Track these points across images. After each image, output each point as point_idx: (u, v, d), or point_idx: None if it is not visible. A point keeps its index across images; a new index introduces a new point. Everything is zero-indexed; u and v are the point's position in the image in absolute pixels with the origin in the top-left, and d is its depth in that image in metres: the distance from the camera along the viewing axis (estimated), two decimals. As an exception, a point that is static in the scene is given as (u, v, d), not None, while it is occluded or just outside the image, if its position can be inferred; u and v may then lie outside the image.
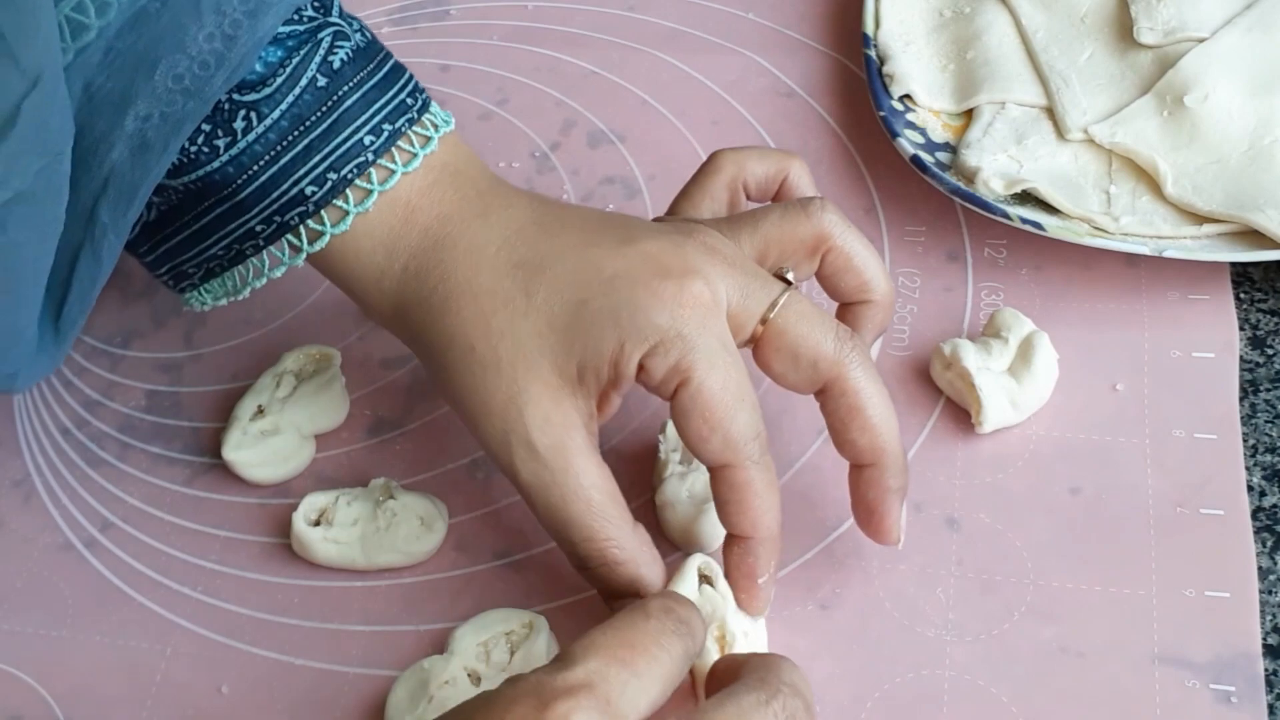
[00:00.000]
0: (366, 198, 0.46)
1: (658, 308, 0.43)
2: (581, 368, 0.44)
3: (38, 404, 0.58)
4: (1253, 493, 0.48)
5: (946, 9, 0.65)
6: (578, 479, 0.44)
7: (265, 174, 0.45)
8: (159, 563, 0.52)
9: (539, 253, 0.45)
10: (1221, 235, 0.54)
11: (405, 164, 0.46)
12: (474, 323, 0.45)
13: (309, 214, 0.46)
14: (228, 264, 0.47)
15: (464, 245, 0.46)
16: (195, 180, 0.45)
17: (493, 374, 0.44)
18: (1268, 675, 0.44)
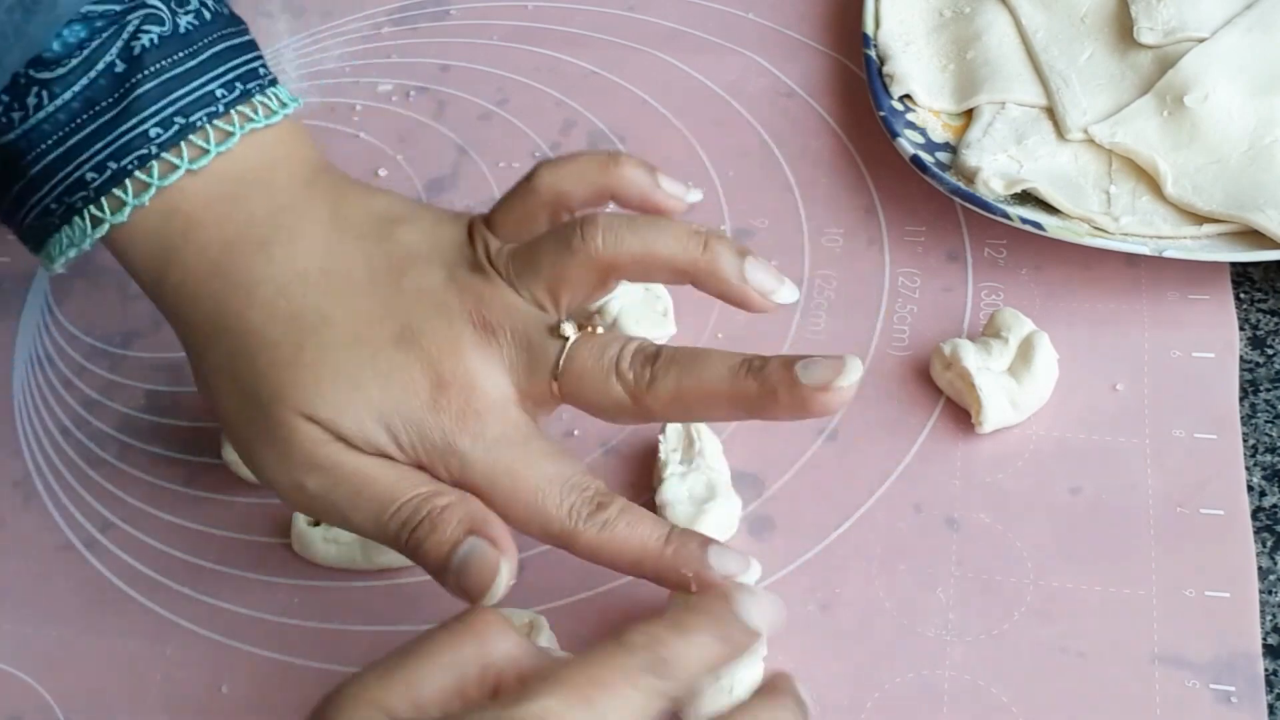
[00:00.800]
0: (144, 191, 0.44)
1: (431, 424, 0.42)
2: (346, 436, 0.42)
3: (38, 404, 0.58)
4: (1253, 493, 0.48)
5: (946, 9, 0.65)
6: (370, 466, 0.42)
7: (52, 154, 0.45)
8: (159, 563, 0.52)
9: (316, 310, 0.44)
10: (1221, 235, 0.54)
11: (193, 160, 0.45)
12: (240, 356, 0.44)
13: (90, 200, 0.45)
14: (43, 235, 0.47)
15: (238, 279, 0.44)
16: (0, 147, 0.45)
17: (263, 416, 0.43)
18: (1268, 675, 0.44)
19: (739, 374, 0.42)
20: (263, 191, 0.46)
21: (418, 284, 0.44)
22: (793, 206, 0.60)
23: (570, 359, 0.43)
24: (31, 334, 0.61)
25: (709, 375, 0.42)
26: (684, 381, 0.42)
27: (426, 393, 0.42)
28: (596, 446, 0.53)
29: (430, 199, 0.63)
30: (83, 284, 0.62)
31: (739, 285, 0.43)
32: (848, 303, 0.56)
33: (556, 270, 0.44)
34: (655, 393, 0.42)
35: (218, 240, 0.45)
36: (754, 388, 0.41)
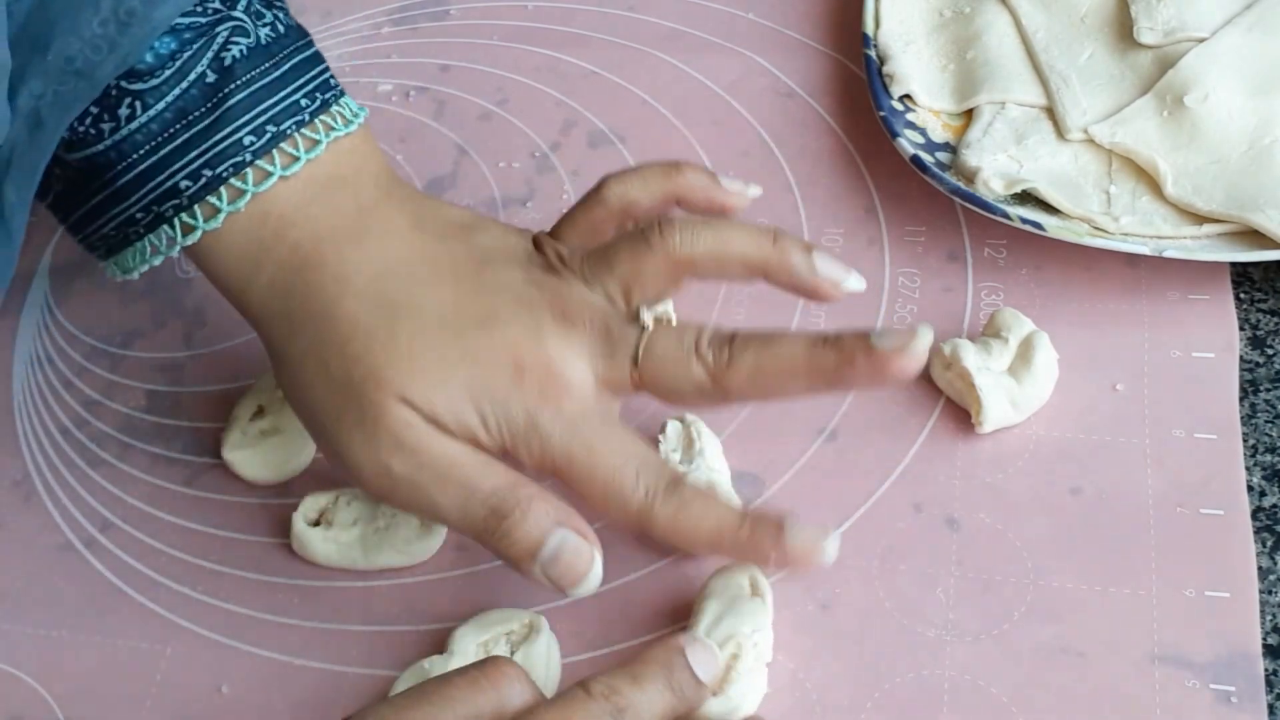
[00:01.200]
0: (239, 198, 0.46)
1: (515, 402, 0.44)
2: (438, 417, 0.44)
3: (38, 404, 0.58)
4: (1253, 493, 0.48)
5: (946, 9, 0.65)
6: (455, 455, 0.44)
7: (144, 163, 0.46)
8: (159, 563, 0.52)
9: (409, 296, 0.45)
10: (1221, 235, 0.54)
11: (285, 167, 0.46)
12: (331, 344, 0.45)
13: (182, 208, 0.46)
14: (119, 245, 0.48)
15: (332, 271, 0.46)
16: (83, 159, 0.46)
17: (356, 400, 0.44)
18: (1268, 675, 0.44)
19: (816, 346, 0.44)
20: (349, 193, 0.48)
21: (498, 278, 0.46)
22: (793, 206, 0.60)
23: (650, 345, 0.45)
24: (31, 334, 0.61)
25: (786, 351, 0.44)
26: (763, 358, 0.44)
27: (510, 373, 0.44)
28: (596, 446, 0.53)
29: (430, 199, 0.62)
30: (83, 284, 0.62)
31: (810, 277, 0.46)
32: (848, 303, 0.55)
33: (633, 268, 0.46)
34: (735, 370, 0.44)
35: (310, 236, 0.47)
36: (831, 358, 0.44)
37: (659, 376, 0.45)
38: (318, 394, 0.45)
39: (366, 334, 0.45)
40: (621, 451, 0.44)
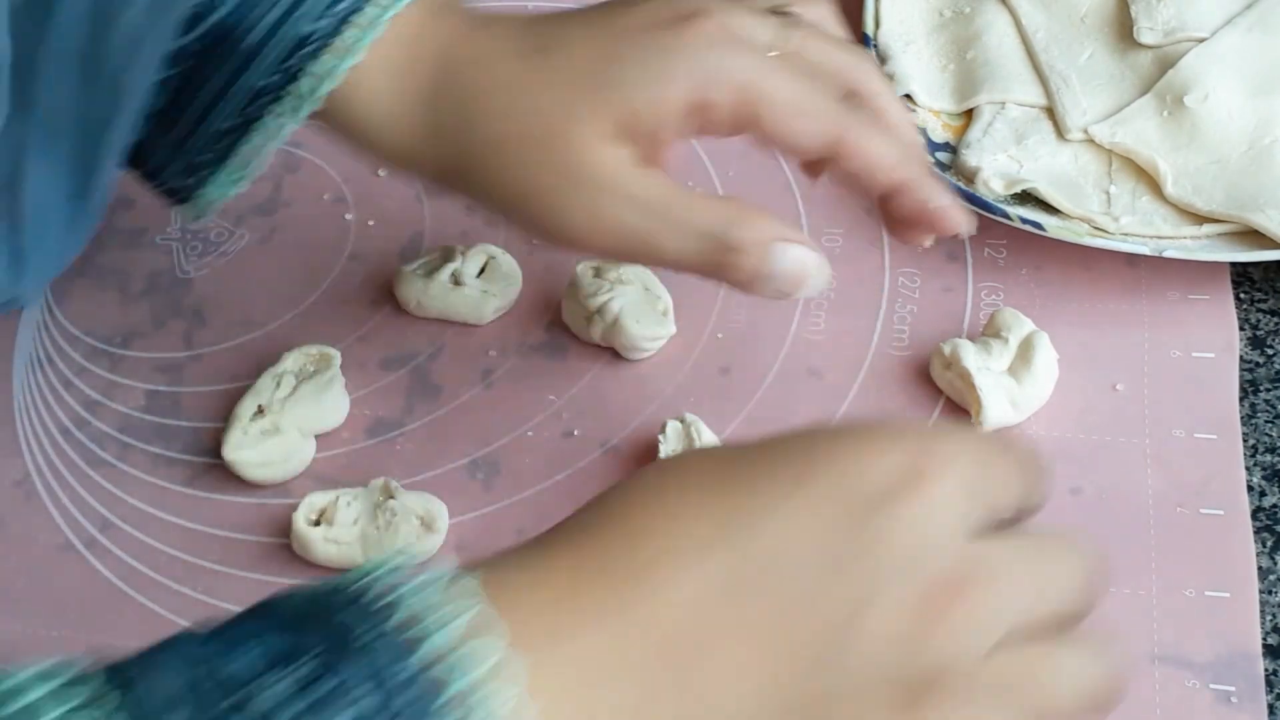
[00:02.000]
0: (369, 29, 0.46)
1: (689, 47, 0.44)
2: (628, 122, 0.43)
3: (38, 404, 0.58)
4: (1253, 493, 0.48)
5: (946, 9, 0.65)
6: (667, 191, 0.44)
7: (270, 15, 0.46)
8: (159, 563, 0.52)
9: (551, 35, 0.46)
10: (1221, 235, 0.54)
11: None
12: (512, 114, 0.45)
13: (315, 54, 0.46)
14: (241, 134, 0.48)
15: (476, 55, 0.46)
16: (205, 33, 0.46)
17: (552, 153, 0.44)
18: (1268, 675, 0.44)
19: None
20: (457, 5, 0.48)
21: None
22: (792, 207, 0.60)
23: (795, 27, 0.45)
24: (31, 334, 0.61)
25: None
26: (878, 74, 0.47)
27: (676, 25, 0.44)
28: (596, 447, 0.53)
29: (430, 199, 0.62)
30: (83, 284, 0.62)
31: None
32: (848, 303, 0.56)
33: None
34: (863, 71, 0.46)
35: (445, 43, 0.46)
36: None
37: (800, 53, 0.45)
38: (512, 170, 0.45)
39: (532, 81, 0.45)
40: (803, 69, 0.44)
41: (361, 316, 0.59)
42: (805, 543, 0.32)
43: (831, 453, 0.33)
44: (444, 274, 0.58)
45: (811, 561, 0.31)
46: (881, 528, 0.32)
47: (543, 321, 0.57)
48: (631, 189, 0.43)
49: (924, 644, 0.31)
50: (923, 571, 0.32)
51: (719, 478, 0.33)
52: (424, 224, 0.62)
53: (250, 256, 0.62)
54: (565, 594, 0.31)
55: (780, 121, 0.44)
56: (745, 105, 0.43)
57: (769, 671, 0.31)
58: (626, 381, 0.55)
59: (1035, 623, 0.33)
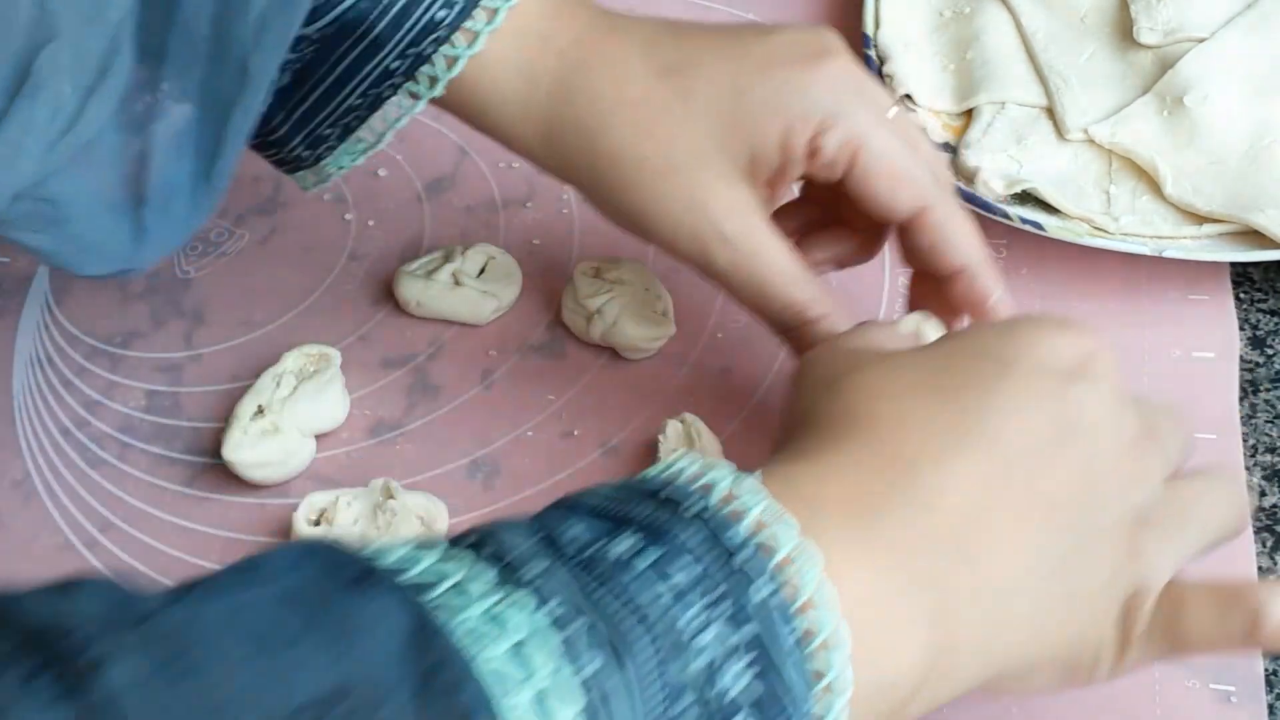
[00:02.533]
0: (494, 16, 0.47)
1: (817, 87, 0.46)
2: (753, 157, 0.46)
3: (38, 404, 0.58)
4: (1253, 493, 0.48)
5: (946, 9, 0.65)
6: (771, 254, 0.47)
7: (397, 5, 0.47)
8: (159, 563, 0.52)
9: (683, 54, 0.47)
10: (1221, 235, 0.54)
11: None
12: (638, 135, 0.47)
13: (443, 40, 0.47)
14: (366, 113, 0.49)
15: (606, 62, 0.48)
16: (332, 21, 0.47)
17: (669, 180, 0.47)
18: (1268, 675, 0.44)
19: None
20: (581, 2, 0.49)
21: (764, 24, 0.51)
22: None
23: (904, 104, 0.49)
24: (31, 334, 0.61)
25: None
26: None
27: (808, 61, 0.46)
28: (596, 447, 0.53)
29: (430, 199, 0.63)
30: (83, 284, 0.62)
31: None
32: (848, 303, 0.56)
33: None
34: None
35: (571, 41, 0.48)
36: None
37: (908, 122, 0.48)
38: (632, 187, 0.47)
39: (665, 108, 0.47)
40: (908, 137, 0.47)
41: (361, 316, 0.59)
42: (1030, 422, 0.36)
43: (1018, 342, 0.38)
44: (444, 274, 0.58)
45: (1041, 435, 0.36)
46: (1082, 396, 0.37)
47: (543, 321, 0.57)
48: (743, 241, 0.47)
49: (1133, 486, 0.37)
50: (1121, 427, 0.37)
51: (936, 382, 0.37)
52: (424, 224, 0.62)
53: (250, 256, 0.62)
54: (850, 489, 0.35)
55: (879, 178, 0.46)
56: (851, 154, 0.46)
57: (1033, 538, 0.36)
58: (626, 381, 0.55)
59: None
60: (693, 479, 0.34)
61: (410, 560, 0.30)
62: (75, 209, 0.44)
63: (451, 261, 0.58)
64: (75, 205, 0.44)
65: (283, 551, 0.29)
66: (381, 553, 0.30)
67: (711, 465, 0.34)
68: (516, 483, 0.53)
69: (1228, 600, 0.38)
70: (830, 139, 0.46)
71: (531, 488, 0.52)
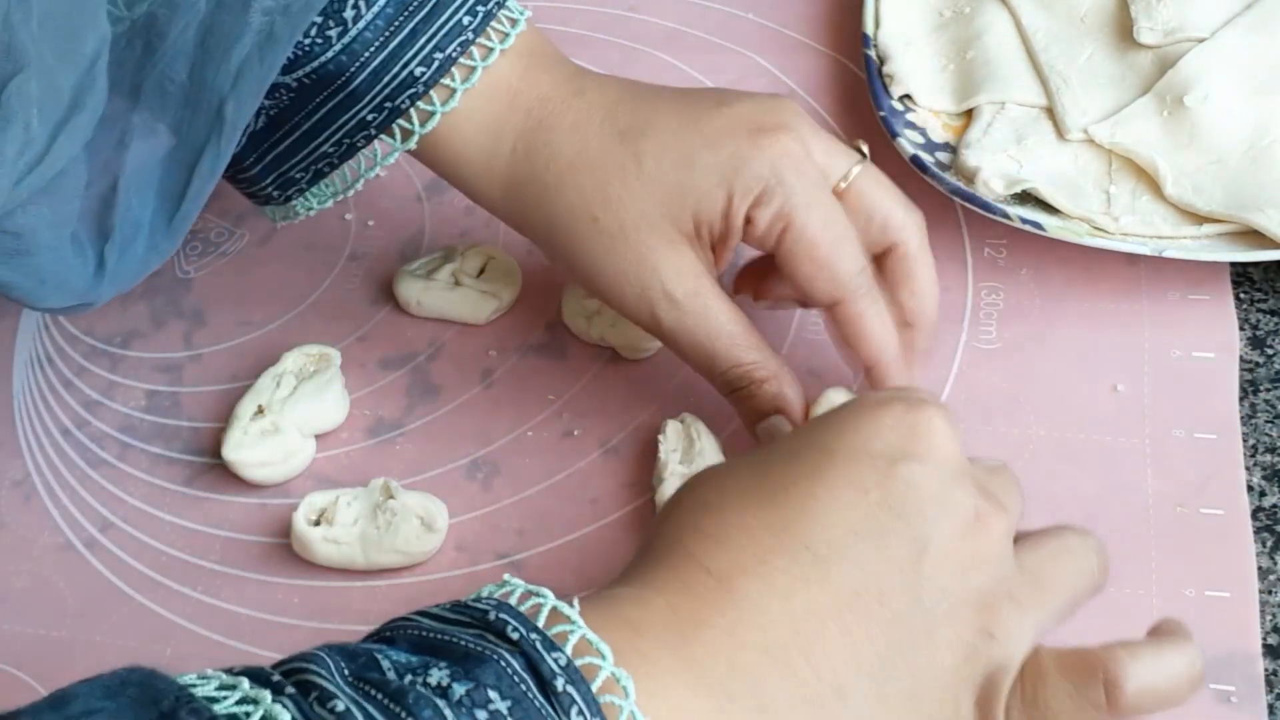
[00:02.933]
0: (471, 74, 0.49)
1: (759, 160, 0.46)
2: (697, 222, 0.47)
3: (38, 404, 0.58)
4: (1253, 493, 0.48)
5: (946, 9, 0.65)
6: (717, 318, 0.48)
7: (376, 59, 0.48)
8: (159, 563, 0.52)
9: (641, 119, 0.48)
10: (1221, 235, 0.54)
11: (501, 41, 0.49)
12: (592, 194, 0.48)
13: (419, 95, 0.48)
14: (338, 160, 0.50)
15: (568, 123, 0.49)
16: (310, 73, 0.48)
17: (619, 241, 0.48)
18: (1267, 675, 0.44)
19: None
20: (556, 58, 0.51)
21: (729, 90, 0.50)
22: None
23: (870, 167, 0.48)
24: (31, 334, 0.61)
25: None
26: (924, 243, 0.49)
27: (752, 136, 0.47)
28: (596, 447, 0.53)
29: (430, 199, 0.63)
30: (83, 284, 0.62)
31: None
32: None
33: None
34: (912, 231, 0.49)
35: (538, 99, 0.49)
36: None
37: (863, 196, 0.48)
38: (586, 245, 0.48)
39: (619, 172, 0.48)
40: (845, 224, 0.47)
41: (361, 316, 0.59)
42: (851, 516, 0.36)
43: (842, 427, 0.38)
44: (444, 274, 0.58)
45: (864, 527, 0.35)
46: (910, 477, 0.36)
47: (543, 321, 0.57)
48: (688, 302, 0.48)
49: (975, 565, 0.36)
50: (954, 504, 0.36)
51: (760, 486, 0.37)
52: (424, 224, 0.62)
53: (250, 256, 0.62)
54: (670, 610, 0.35)
55: (800, 261, 0.47)
56: (781, 230, 0.47)
57: (860, 636, 0.35)
58: (626, 381, 0.55)
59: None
60: (522, 599, 0.34)
61: (223, 692, 0.30)
62: (39, 242, 0.45)
63: (451, 261, 0.58)
64: (39, 238, 0.45)
65: (99, 682, 0.28)
66: (197, 683, 0.30)
67: (540, 590, 0.34)
68: (516, 483, 0.53)
69: (1085, 672, 0.37)
70: (763, 214, 0.46)
71: (531, 488, 0.52)
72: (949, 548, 0.36)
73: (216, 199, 0.64)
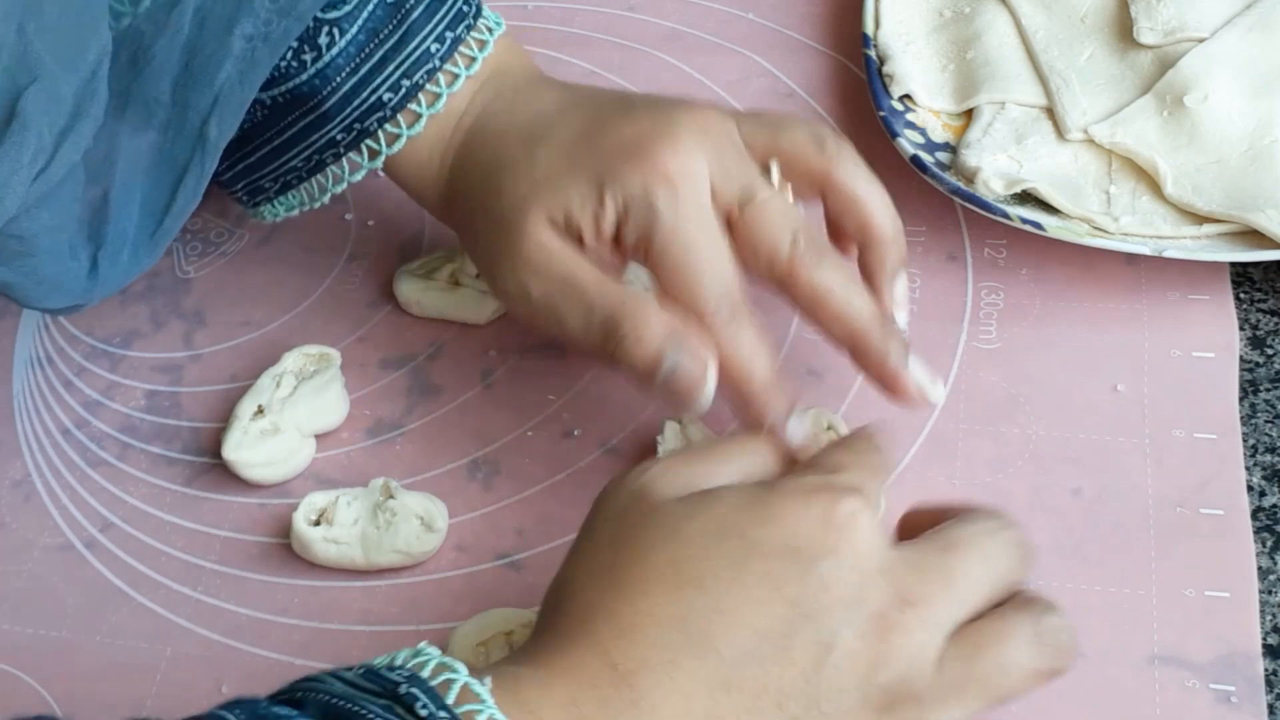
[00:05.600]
0: (436, 100, 0.51)
1: (634, 177, 0.46)
2: (568, 219, 0.47)
3: (38, 404, 0.58)
4: (1253, 493, 0.48)
5: (946, 9, 0.65)
6: (578, 273, 0.47)
7: (347, 84, 0.50)
8: (159, 563, 0.52)
9: (549, 127, 0.49)
10: (1221, 235, 0.54)
11: (467, 67, 0.51)
12: (493, 193, 0.49)
13: (386, 119, 0.51)
14: (305, 175, 0.53)
15: (492, 133, 0.51)
16: (284, 93, 0.50)
17: (499, 224, 0.49)
18: (1268, 675, 0.44)
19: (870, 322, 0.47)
20: (508, 79, 0.52)
21: (639, 98, 0.51)
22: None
23: (770, 195, 0.47)
24: (31, 334, 0.61)
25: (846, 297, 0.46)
26: (832, 281, 0.46)
27: (633, 157, 0.47)
28: (596, 447, 0.53)
29: (430, 199, 0.63)
30: (83, 284, 0.62)
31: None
32: (848, 303, 0.56)
33: (793, 151, 0.48)
34: (808, 270, 0.46)
35: (477, 118, 0.51)
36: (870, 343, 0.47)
37: (754, 226, 0.46)
38: (482, 237, 0.50)
39: (512, 166, 0.49)
40: (712, 251, 0.46)
41: (361, 316, 0.59)
42: (762, 617, 0.36)
43: (761, 521, 0.37)
44: (444, 274, 0.58)
45: (770, 633, 0.35)
46: (823, 577, 0.36)
47: (543, 321, 0.57)
48: (550, 267, 0.47)
49: (881, 665, 0.36)
50: (866, 605, 0.36)
51: (678, 571, 0.36)
52: (424, 224, 0.62)
53: (250, 256, 0.62)
54: (570, 701, 0.35)
55: (666, 283, 0.46)
56: (644, 250, 0.46)
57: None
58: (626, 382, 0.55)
59: (978, 606, 0.38)
60: (435, 672, 0.34)
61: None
62: (40, 245, 0.47)
63: (451, 261, 0.58)
64: (40, 242, 0.47)
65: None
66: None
67: (452, 664, 0.35)
68: (516, 483, 0.53)
69: None
70: (628, 231, 0.47)
71: (531, 488, 0.52)
72: (854, 649, 0.36)
73: (217, 199, 0.64)
